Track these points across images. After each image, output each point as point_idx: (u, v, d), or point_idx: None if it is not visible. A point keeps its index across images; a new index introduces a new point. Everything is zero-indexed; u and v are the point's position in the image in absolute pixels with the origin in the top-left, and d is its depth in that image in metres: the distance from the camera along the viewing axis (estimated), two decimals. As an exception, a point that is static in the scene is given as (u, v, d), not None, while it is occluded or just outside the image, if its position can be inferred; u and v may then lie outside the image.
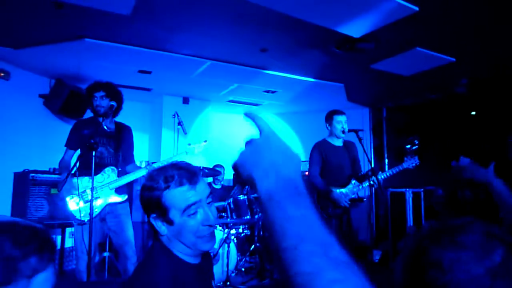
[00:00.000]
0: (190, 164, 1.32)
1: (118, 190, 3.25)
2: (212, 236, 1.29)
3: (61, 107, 4.88)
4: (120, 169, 3.33)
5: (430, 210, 5.45)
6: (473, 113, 5.87)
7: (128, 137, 3.51)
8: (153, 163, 3.59)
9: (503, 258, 0.70)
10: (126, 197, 3.32)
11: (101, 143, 3.23)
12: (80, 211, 3.02)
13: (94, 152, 2.87)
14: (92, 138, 2.89)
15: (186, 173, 1.26)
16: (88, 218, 2.92)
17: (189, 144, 3.63)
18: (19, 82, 4.68)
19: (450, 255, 0.71)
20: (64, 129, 5.21)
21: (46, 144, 4.95)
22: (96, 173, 3.07)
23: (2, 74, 4.42)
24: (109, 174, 3.24)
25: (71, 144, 3.29)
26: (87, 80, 5.11)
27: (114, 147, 3.33)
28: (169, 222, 1.23)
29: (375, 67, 4.50)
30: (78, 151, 3.32)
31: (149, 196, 1.24)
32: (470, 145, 5.48)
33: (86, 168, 3.01)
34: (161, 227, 1.25)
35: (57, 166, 4.51)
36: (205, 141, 3.69)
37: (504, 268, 0.69)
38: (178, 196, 1.23)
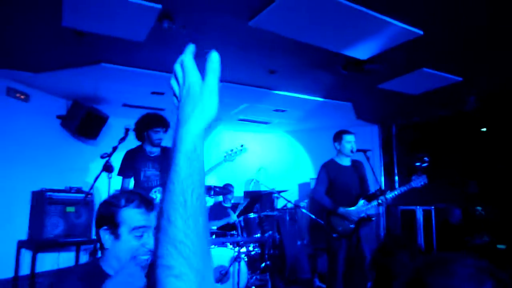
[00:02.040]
0: (148, 195, 1.49)
1: None
2: (141, 271, 1.33)
3: (77, 127, 5.05)
4: None
5: (443, 228, 5.43)
6: (484, 129, 5.88)
7: None
8: None
9: None
10: None
11: (148, 168, 3.42)
12: None
13: (141, 177, 3.22)
14: (138, 164, 3.09)
15: (145, 200, 1.42)
16: None
17: (228, 151, 3.73)
18: (38, 104, 4.88)
19: (442, 282, 0.78)
20: (80, 148, 5.40)
21: (63, 163, 5.11)
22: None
23: (22, 97, 4.62)
24: (157, 195, 3.41)
25: (124, 173, 3.48)
26: (103, 101, 5.32)
27: (160, 170, 3.51)
28: (116, 236, 1.36)
29: (382, 87, 4.58)
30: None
31: (107, 210, 1.39)
32: (481, 162, 5.47)
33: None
34: (107, 240, 1.37)
35: (73, 185, 4.68)
36: (242, 145, 3.77)
37: None
38: (133, 215, 1.38)
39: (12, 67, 4.14)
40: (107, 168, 3.01)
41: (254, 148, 7.38)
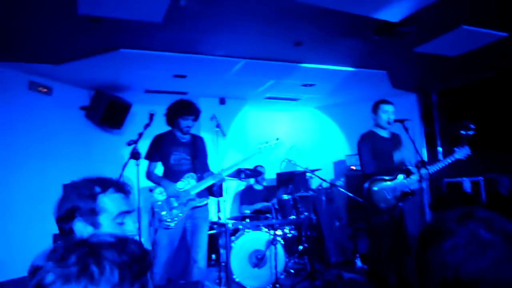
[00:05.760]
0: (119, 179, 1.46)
1: (199, 194, 3.62)
2: None
3: (102, 117, 5.23)
4: (199, 175, 3.66)
5: (492, 199, 5.29)
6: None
7: (201, 146, 3.88)
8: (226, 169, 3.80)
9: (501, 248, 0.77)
10: (207, 200, 3.73)
11: (178, 152, 3.65)
12: (167, 216, 3.43)
13: (171, 160, 3.52)
14: (168, 148, 3.48)
15: (120, 184, 1.40)
16: (174, 223, 3.36)
17: (263, 143, 3.84)
18: (61, 96, 5.07)
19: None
20: (106, 139, 5.60)
21: (90, 154, 5.32)
22: (177, 180, 3.55)
23: (45, 90, 4.81)
24: (189, 181, 3.60)
25: (152, 157, 3.69)
26: (125, 89, 5.46)
27: (190, 155, 3.71)
28: (96, 225, 1.31)
29: (418, 51, 4.45)
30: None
31: (80, 199, 1.32)
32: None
33: (167, 177, 3.53)
34: (84, 231, 1.29)
35: (102, 175, 4.88)
36: (277, 139, 3.88)
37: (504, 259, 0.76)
38: (114, 201, 1.35)
39: (33, 61, 4.31)
40: (134, 155, 3.13)
41: (284, 127, 7.40)
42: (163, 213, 3.44)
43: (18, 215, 4.38)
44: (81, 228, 1.30)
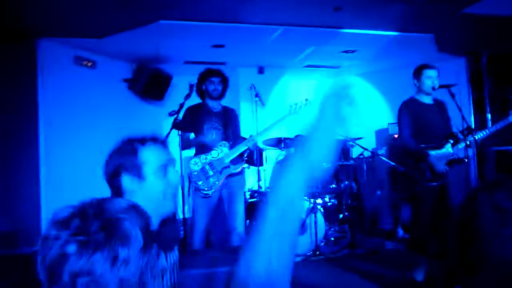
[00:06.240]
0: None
1: (233, 162, 3.70)
2: (174, 198, 1.43)
3: (143, 89, 5.37)
4: (231, 143, 3.76)
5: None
6: None
7: (234, 117, 3.96)
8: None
9: None
10: (241, 166, 3.81)
11: (210, 122, 3.74)
12: (204, 185, 3.56)
13: (203, 130, 3.61)
14: (200, 118, 3.58)
15: (156, 137, 1.44)
16: (211, 192, 3.48)
17: (293, 105, 3.86)
18: (105, 70, 5.24)
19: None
20: (148, 110, 5.76)
21: (133, 125, 5.48)
22: (211, 149, 3.64)
23: (89, 64, 4.99)
24: (222, 149, 3.68)
25: (184, 128, 3.74)
26: (165, 61, 5.55)
27: (222, 125, 3.79)
28: (141, 177, 1.36)
29: (468, 11, 4.20)
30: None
31: (123, 155, 1.37)
32: None
33: (201, 146, 3.62)
34: (132, 184, 1.35)
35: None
36: (307, 99, 3.89)
37: None
38: (154, 153, 1.39)
39: (78, 35, 4.46)
40: (176, 125, 3.23)
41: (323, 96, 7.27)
42: (200, 182, 3.55)
43: (64, 185, 4.62)
44: (128, 182, 1.36)
